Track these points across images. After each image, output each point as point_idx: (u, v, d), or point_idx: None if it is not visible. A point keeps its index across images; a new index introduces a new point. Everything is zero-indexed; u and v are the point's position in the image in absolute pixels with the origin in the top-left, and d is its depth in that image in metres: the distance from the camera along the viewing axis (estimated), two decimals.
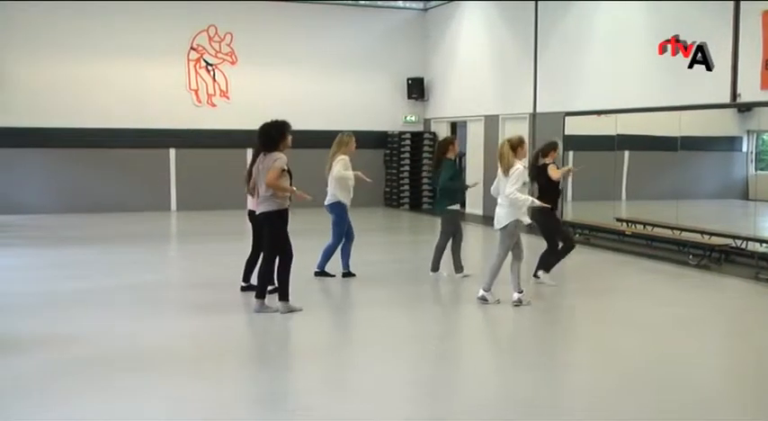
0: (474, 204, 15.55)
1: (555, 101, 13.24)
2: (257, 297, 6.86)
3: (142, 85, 15.54)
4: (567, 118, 12.61)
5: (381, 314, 7.05)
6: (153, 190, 15.78)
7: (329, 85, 16.73)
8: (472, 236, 12.45)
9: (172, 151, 15.90)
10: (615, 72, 11.71)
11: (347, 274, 8.51)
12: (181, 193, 16.00)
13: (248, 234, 7.72)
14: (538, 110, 13.79)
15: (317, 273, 8.50)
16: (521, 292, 7.21)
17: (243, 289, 7.67)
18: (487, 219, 14.29)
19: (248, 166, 7.26)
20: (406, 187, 17.21)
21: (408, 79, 17.39)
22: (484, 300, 7.29)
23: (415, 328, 6.61)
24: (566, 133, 12.55)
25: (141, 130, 15.55)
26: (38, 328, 6.36)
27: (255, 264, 7.52)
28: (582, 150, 12.85)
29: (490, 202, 7.56)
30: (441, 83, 17.13)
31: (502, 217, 7.12)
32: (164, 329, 6.39)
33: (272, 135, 6.67)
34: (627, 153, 11.88)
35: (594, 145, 12.66)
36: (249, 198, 7.42)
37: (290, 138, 6.77)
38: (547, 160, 8.16)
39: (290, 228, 6.85)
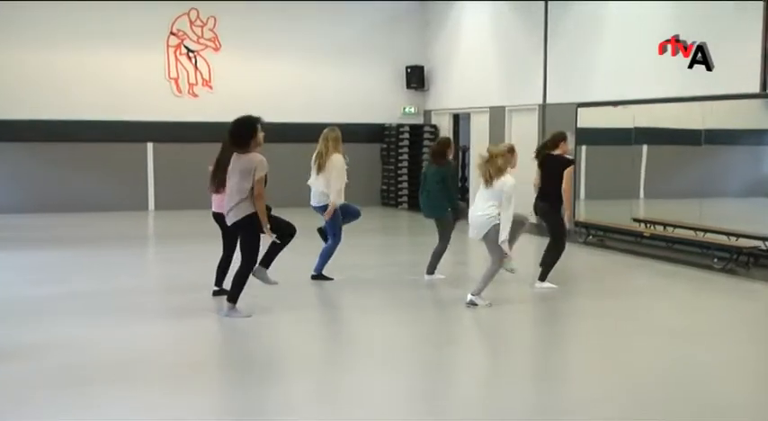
0: None
1: (567, 91, 13.19)
2: (230, 300, 6.94)
3: (117, 73, 15.47)
4: (579, 109, 12.56)
5: (375, 320, 7.06)
6: (129, 187, 15.72)
7: (321, 74, 16.68)
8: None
9: (149, 145, 15.84)
10: (633, 59, 11.67)
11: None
12: (159, 191, 15.95)
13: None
14: (548, 101, 13.75)
15: (314, 277, 8.50)
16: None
17: (215, 293, 7.76)
18: None
19: (214, 164, 7.35)
20: (405, 185, 17.13)
21: (407, 67, 17.34)
22: (473, 304, 7.37)
23: (412, 335, 6.61)
24: (578, 126, 12.51)
25: (116, 123, 15.48)
26: (6, 337, 6.34)
27: (228, 267, 7.66)
28: (596, 144, 12.82)
29: None
30: (442, 71, 17.07)
31: (483, 225, 7.23)
32: (141, 337, 6.42)
33: (242, 133, 6.66)
34: (645, 147, 11.85)
35: (610, 139, 12.63)
36: (214, 198, 7.47)
37: (261, 135, 6.74)
38: (559, 152, 8.15)
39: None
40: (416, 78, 17.33)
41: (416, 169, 17.18)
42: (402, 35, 17.35)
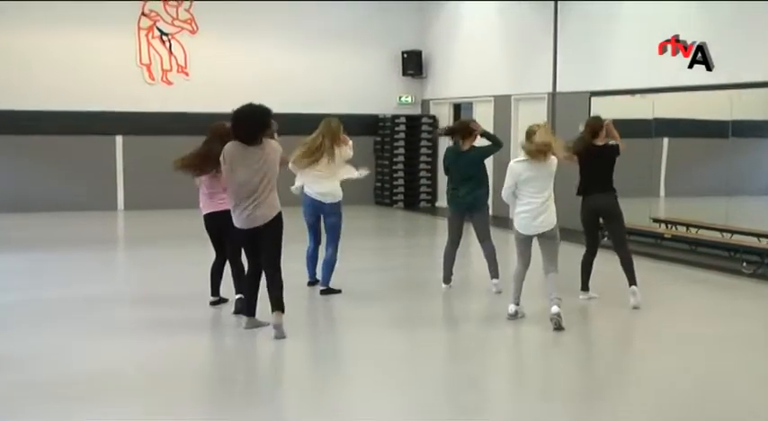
0: None
1: (579, 78, 13.18)
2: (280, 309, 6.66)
3: (81, 58, 15.36)
4: (593, 98, 12.55)
5: (373, 337, 6.99)
6: (96, 185, 15.61)
7: (308, 60, 16.62)
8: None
9: (119, 138, 15.76)
10: (652, 43, 11.61)
11: (316, 283, 8.63)
12: (130, 189, 15.87)
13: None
14: (558, 89, 13.74)
15: (323, 292, 8.40)
16: (518, 304, 7.32)
17: (213, 303, 7.76)
18: (497, 220, 14.28)
19: (195, 158, 7.38)
20: (401, 182, 17.11)
21: (403, 52, 17.30)
22: (559, 323, 7.03)
23: (416, 355, 6.56)
24: (592, 117, 12.45)
25: (81, 114, 15.36)
26: None
27: (222, 272, 7.65)
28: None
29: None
30: (442, 57, 17.04)
31: (552, 216, 7.11)
32: (115, 350, 6.38)
33: (258, 124, 6.48)
34: (666, 140, 11.84)
35: (627, 131, 12.30)
36: (206, 199, 7.44)
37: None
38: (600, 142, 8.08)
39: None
40: (414, 64, 17.27)
41: (413, 164, 17.16)
42: (398, 17, 17.28)
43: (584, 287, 8.17)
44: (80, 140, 15.40)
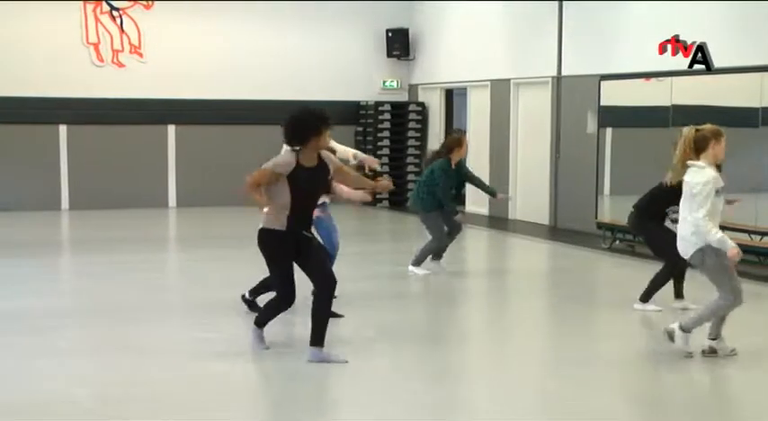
0: (479, 202, 15.42)
1: (587, 60, 13.22)
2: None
3: (20, 37, 15.31)
4: (603, 83, 12.55)
5: (355, 354, 6.92)
6: (36, 181, 15.58)
7: (280, 40, 16.63)
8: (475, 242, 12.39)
9: (62, 128, 15.76)
10: (670, 20, 11.63)
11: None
12: (75, 186, 15.83)
13: (174, 243, 7.69)
14: (563, 72, 13.78)
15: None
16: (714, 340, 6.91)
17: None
18: (494, 221, 14.17)
19: None
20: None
21: (388, 31, 17.35)
22: (713, 351, 6.89)
23: (407, 378, 6.52)
24: (602, 103, 12.50)
25: (19, 100, 15.33)
26: None
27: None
28: (624, 126, 12.80)
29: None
30: (432, 36, 17.07)
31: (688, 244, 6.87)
32: (52, 371, 6.36)
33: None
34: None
35: (641, 119, 12.64)
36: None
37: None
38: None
39: None
40: (400, 45, 17.32)
41: (399, 157, 17.15)
42: None
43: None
44: (18, 130, 15.37)
